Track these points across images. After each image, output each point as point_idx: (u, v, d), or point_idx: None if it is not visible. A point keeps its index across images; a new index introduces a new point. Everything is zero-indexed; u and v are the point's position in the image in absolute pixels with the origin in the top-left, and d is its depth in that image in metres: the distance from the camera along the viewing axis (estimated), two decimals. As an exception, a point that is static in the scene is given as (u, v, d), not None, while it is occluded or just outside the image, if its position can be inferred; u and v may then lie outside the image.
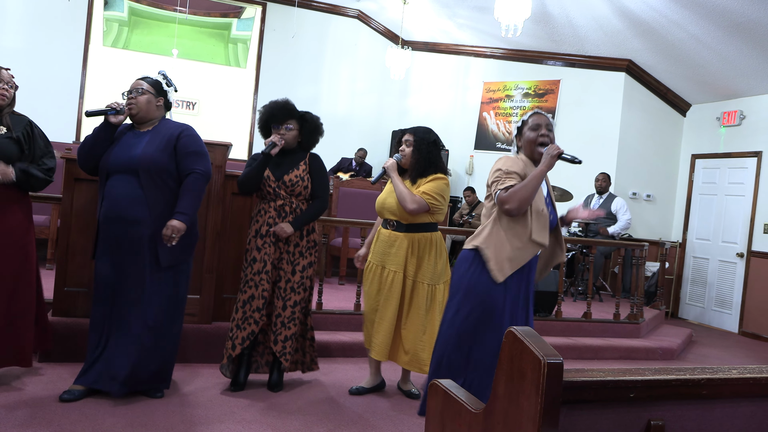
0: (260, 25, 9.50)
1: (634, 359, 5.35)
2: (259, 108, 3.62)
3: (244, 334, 3.38)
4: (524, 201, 2.73)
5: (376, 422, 3.21)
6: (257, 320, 3.39)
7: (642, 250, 5.79)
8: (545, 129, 2.87)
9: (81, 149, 3.14)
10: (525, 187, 2.73)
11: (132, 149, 3.07)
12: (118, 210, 3.01)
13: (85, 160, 3.15)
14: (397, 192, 3.43)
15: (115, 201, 3.02)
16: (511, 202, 2.73)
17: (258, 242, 3.42)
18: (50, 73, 8.42)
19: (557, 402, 1.35)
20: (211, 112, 9.21)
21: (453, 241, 8.91)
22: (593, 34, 7.70)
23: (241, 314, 3.40)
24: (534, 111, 2.96)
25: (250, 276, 3.41)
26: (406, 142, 3.54)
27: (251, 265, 3.42)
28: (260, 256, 3.41)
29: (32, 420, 2.79)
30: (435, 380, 1.86)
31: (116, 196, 3.02)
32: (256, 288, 3.39)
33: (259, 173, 3.41)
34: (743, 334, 7.29)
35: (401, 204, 3.41)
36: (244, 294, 3.42)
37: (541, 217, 2.82)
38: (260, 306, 3.38)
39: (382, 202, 3.54)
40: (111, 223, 3.04)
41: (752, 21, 6.04)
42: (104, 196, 3.07)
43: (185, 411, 3.08)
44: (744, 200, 7.49)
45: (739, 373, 1.60)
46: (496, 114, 9.28)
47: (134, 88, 3.16)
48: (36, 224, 5.13)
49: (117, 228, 3.03)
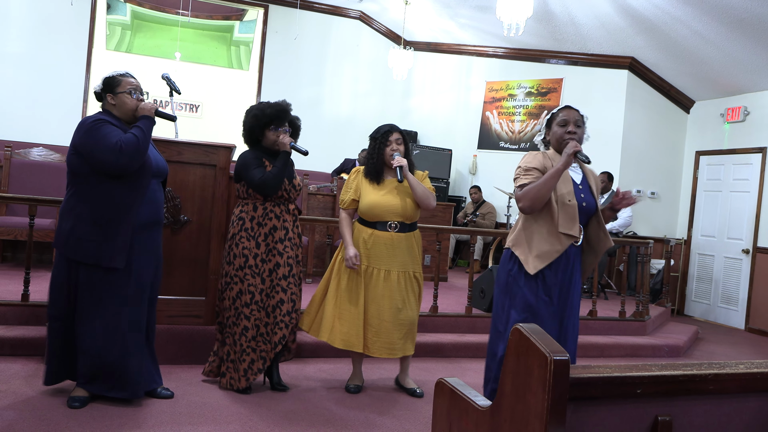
0: (262, 27, 9.52)
1: (640, 357, 5.34)
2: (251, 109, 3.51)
3: (277, 338, 3.40)
4: (537, 199, 2.74)
5: (383, 421, 3.21)
6: (288, 323, 3.41)
7: (647, 248, 5.78)
8: (573, 125, 2.85)
9: (140, 146, 2.92)
10: (538, 186, 2.73)
11: (156, 155, 3.16)
12: (158, 214, 3.12)
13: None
14: (420, 191, 3.48)
15: (155, 205, 3.09)
16: (523, 200, 2.77)
17: (280, 247, 3.43)
18: (54, 77, 8.45)
19: (564, 399, 1.35)
20: (214, 114, 9.23)
21: (457, 240, 8.91)
22: (596, 32, 7.69)
23: (272, 319, 3.41)
24: (564, 105, 2.95)
25: (276, 281, 3.42)
26: (397, 141, 3.54)
27: (275, 269, 3.42)
28: (283, 260, 3.43)
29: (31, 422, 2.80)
30: (441, 378, 1.87)
31: (158, 200, 3.12)
32: (285, 293, 3.41)
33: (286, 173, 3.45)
34: (750, 330, 7.26)
35: (426, 202, 3.48)
36: (272, 299, 3.42)
37: (569, 208, 2.78)
38: (290, 309, 3.42)
39: (386, 205, 3.48)
40: (148, 227, 3.07)
41: (755, 16, 6.03)
42: (146, 200, 3.02)
43: (191, 411, 3.09)
44: (749, 196, 7.47)
45: (746, 368, 1.60)
46: (499, 113, 9.27)
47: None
48: (41, 228, 5.16)
49: (153, 232, 3.11)
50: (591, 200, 2.89)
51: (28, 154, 6.35)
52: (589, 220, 2.91)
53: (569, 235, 2.77)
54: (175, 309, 3.82)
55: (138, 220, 2.98)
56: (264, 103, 3.53)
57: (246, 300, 3.39)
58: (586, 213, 2.86)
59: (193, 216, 3.87)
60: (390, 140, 3.53)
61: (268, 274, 3.42)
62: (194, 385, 3.50)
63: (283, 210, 3.47)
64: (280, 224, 3.45)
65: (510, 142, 9.11)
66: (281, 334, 3.40)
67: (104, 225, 2.92)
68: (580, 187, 2.89)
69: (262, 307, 3.42)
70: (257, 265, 3.41)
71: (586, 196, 2.88)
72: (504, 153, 9.13)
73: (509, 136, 9.13)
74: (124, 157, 2.85)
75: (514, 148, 9.02)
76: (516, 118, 9.08)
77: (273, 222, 3.44)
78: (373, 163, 3.55)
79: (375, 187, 3.52)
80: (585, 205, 2.85)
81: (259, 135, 3.50)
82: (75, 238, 2.93)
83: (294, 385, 3.65)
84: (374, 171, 3.54)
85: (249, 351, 3.40)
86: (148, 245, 3.07)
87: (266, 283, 3.42)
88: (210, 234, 3.90)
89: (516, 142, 9.04)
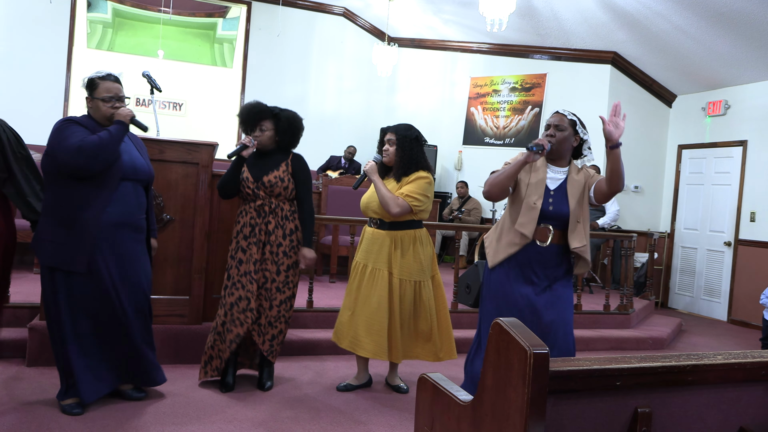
0: (246, 24, 9.47)
1: (624, 349, 5.38)
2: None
3: (232, 336, 3.37)
4: (493, 185, 2.97)
5: (367, 418, 3.21)
6: (243, 321, 3.37)
7: (631, 241, 5.82)
8: (553, 129, 3.00)
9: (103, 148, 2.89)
10: (498, 175, 2.97)
11: (136, 158, 3.09)
12: (131, 216, 3.03)
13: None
14: (380, 196, 3.43)
15: (128, 207, 3.01)
16: (486, 185, 3.04)
17: (243, 243, 3.41)
18: (34, 76, 8.35)
19: (544, 392, 1.35)
20: (198, 112, 9.17)
21: (443, 236, 8.92)
22: (578, 27, 7.72)
23: (229, 317, 3.38)
24: (555, 111, 3.07)
25: (236, 278, 3.40)
26: (389, 141, 3.53)
27: (237, 266, 3.41)
28: (245, 257, 3.40)
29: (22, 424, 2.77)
30: (424, 374, 1.87)
31: (130, 202, 3.03)
32: (243, 289, 3.38)
33: (233, 176, 3.43)
34: (732, 322, 7.35)
35: (384, 208, 3.42)
36: (232, 296, 3.39)
37: (531, 211, 2.94)
38: (246, 307, 3.37)
39: (367, 202, 3.56)
40: (119, 228, 2.98)
41: (736, 11, 6.08)
42: (113, 201, 2.95)
43: (176, 411, 3.07)
44: (730, 189, 7.55)
45: (724, 358, 1.61)
46: (483, 109, 9.29)
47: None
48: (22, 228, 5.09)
49: (124, 233, 3.01)
50: (561, 207, 2.97)
51: (9, 154, 6.25)
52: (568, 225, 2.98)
53: (520, 233, 2.97)
54: (159, 308, 3.80)
55: (106, 220, 2.92)
56: (241, 106, 3.58)
57: (219, 297, 3.43)
58: (556, 218, 2.97)
59: (176, 215, 3.85)
60: (384, 140, 3.59)
61: (228, 268, 3.45)
62: (179, 384, 3.48)
63: (251, 207, 3.44)
64: (245, 221, 3.44)
65: (495, 137, 9.13)
66: (235, 332, 3.36)
67: (67, 226, 2.88)
68: (552, 193, 2.99)
69: (223, 304, 3.43)
70: (231, 259, 3.46)
71: (557, 203, 2.98)
72: (489, 149, 9.15)
73: (494, 131, 9.16)
74: (82, 157, 2.82)
75: (499, 144, 9.05)
76: (500, 113, 9.10)
77: (243, 219, 3.45)
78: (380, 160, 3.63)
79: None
80: (551, 209, 2.97)
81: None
82: (40, 239, 2.92)
83: (278, 384, 3.65)
84: (380, 168, 3.61)
85: (211, 346, 3.43)
86: (115, 247, 2.97)
87: (230, 281, 3.43)
88: (193, 233, 3.88)
89: (501, 137, 9.07)
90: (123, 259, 3.01)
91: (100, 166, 2.88)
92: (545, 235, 2.95)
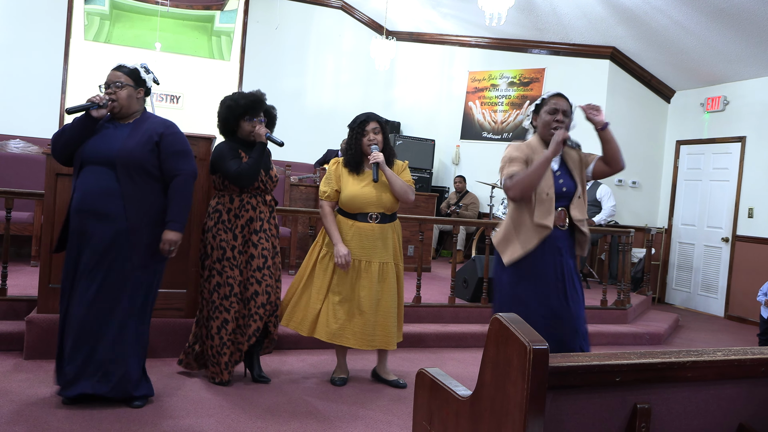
0: (243, 17, 9.43)
1: (621, 345, 5.39)
2: (225, 100, 3.47)
3: (250, 331, 3.37)
4: (527, 188, 2.80)
5: (365, 413, 3.21)
6: (262, 316, 3.38)
7: (628, 237, 5.83)
8: (561, 114, 2.90)
9: (57, 139, 2.96)
10: (529, 175, 2.79)
11: (111, 142, 2.93)
12: (92, 202, 2.88)
13: (61, 151, 2.98)
14: (397, 186, 3.44)
15: (88, 193, 2.89)
16: (513, 189, 2.82)
17: (254, 238, 3.40)
18: (31, 68, 8.31)
19: (543, 388, 1.35)
20: (195, 105, 9.14)
21: (441, 231, 8.92)
22: (577, 22, 7.70)
23: (247, 311, 3.39)
24: (555, 92, 2.98)
25: (250, 273, 3.39)
26: (374, 131, 3.50)
27: (250, 261, 3.39)
28: (258, 251, 3.40)
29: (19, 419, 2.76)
30: (422, 369, 1.86)
31: (90, 188, 2.89)
32: (259, 284, 3.38)
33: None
34: (729, 317, 7.36)
35: (405, 197, 3.45)
36: (247, 291, 3.39)
37: (546, 202, 2.84)
38: (264, 301, 3.39)
39: (366, 196, 3.45)
40: (82, 216, 2.90)
41: (735, 6, 6.07)
42: (76, 187, 2.92)
43: (173, 405, 3.06)
44: (728, 185, 7.55)
45: (723, 355, 1.61)
46: (481, 103, 9.27)
47: (111, 81, 2.99)
48: (19, 221, 5.08)
49: (88, 221, 2.89)
50: (570, 183, 2.95)
51: (5, 146, 6.23)
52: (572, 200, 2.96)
53: (542, 225, 2.83)
54: (155, 302, 3.77)
55: (73, 207, 2.94)
56: (238, 94, 3.50)
57: (225, 292, 3.36)
58: (565, 196, 2.92)
59: (173, 208, 3.83)
60: (366, 130, 3.50)
61: (245, 266, 3.41)
62: (175, 378, 3.48)
63: (260, 201, 3.45)
64: (257, 215, 3.43)
65: (493, 132, 9.12)
66: (255, 326, 3.37)
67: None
68: (557, 173, 2.94)
69: (240, 299, 3.40)
70: (235, 257, 3.39)
71: (565, 180, 2.94)
72: (487, 143, 9.13)
73: (492, 126, 9.14)
74: (53, 148, 3.00)
75: (497, 138, 9.03)
76: (498, 108, 9.08)
77: (249, 213, 3.42)
78: (351, 153, 3.52)
79: (355, 177, 3.49)
80: (565, 189, 2.92)
81: (234, 126, 3.46)
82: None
83: (276, 377, 3.64)
84: (353, 162, 3.52)
85: (229, 344, 3.38)
86: (76, 232, 2.91)
87: (244, 275, 3.40)
88: (190, 226, 3.85)
89: (498, 132, 9.05)
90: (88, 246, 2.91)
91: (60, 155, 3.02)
92: (563, 218, 2.90)
